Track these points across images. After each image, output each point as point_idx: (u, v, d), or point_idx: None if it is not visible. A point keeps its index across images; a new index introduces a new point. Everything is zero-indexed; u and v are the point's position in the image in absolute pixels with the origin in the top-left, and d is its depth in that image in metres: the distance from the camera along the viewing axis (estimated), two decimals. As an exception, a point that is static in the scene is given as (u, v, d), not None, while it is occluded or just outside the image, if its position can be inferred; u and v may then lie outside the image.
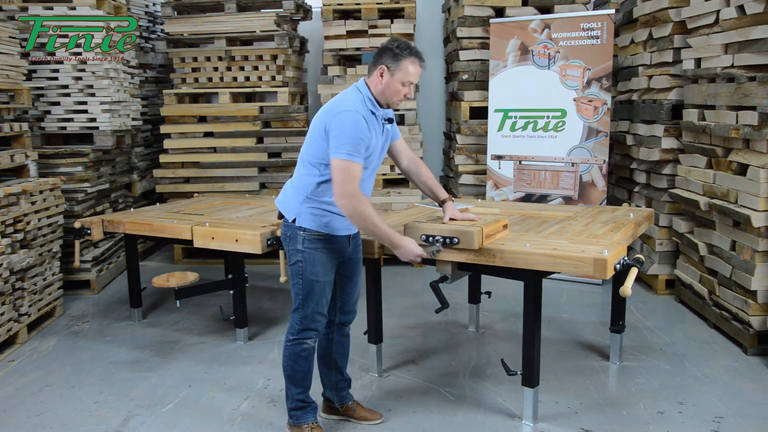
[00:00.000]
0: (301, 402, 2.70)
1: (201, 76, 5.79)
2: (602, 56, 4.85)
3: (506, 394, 3.15)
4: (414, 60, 2.47)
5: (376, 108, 2.53)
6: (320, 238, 2.55)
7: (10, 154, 4.04)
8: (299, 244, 2.55)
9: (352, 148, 2.38)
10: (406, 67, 2.45)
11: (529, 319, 2.77)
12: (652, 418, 2.92)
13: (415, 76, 2.48)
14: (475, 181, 5.64)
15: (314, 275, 2.57)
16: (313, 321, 2.62)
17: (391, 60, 2.46)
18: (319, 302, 2.60)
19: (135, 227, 3.93)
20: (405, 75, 2.46)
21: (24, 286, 3.95)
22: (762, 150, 3.47)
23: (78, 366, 3.60)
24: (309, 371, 2.69)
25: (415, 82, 2.51)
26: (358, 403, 2.95)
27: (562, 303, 4.56)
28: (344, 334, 2.89)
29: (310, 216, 2.54)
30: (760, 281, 3.48)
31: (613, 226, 3.13)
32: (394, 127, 2.73)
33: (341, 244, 2.64)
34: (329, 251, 2.59)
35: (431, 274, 2.96)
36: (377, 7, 5.48)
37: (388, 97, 2.51)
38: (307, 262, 2.56)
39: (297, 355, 2.64)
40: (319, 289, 2.59)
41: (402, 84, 2.47)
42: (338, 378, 2.90)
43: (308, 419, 2.71)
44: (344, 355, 2.91)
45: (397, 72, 2.45)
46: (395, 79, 2.46)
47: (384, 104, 2.55)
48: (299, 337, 2.63)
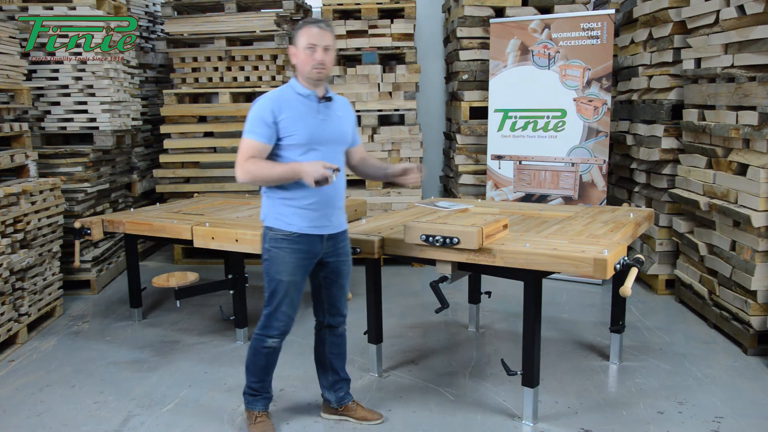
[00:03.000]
0: (254, 390, 2.80)
1: (201, 76, 5.79)
2: (602, 56, 4.85)
3: (506, 394, 3.15)
4: (309, 27, 2.54)
5: (303, 89, 2.59)
6: (285, 238, 2.59)
7: (10, 154, 4.04)
8: (266, 243, 2.64)
9: (249, 126, 2.53)
10: (303, 34, 2.53)
11: (529, 319, 2.77)
12: (652, 418, 2.92)
13: (316, 38, 2.52)
14: (475, 181, 5.64)
15: (278, 274, 2.62)
16: (277, 320, 2.66)
17: (294, 39, 2.58)
18: (282, 301, 2.64)
19: (135, 227, 3.93)
20: (305, 39, 2.51)
21: (24, 286, 3.95)
22: (762, 150, 3.47)
23: (78, 366, 3.60)
24: (267, 367, 2.76)
25: (320, 43, 2.52)
26: (357, 404, 2.95)
27: (562, 303, 4.56)
28: (337, 335, 2.89)
29: (275, 216, 2.62)
30: (760, 281, 3.48)
31: (613, 226, 3.13)
32: (356, 134, 2.81)
33: (311, 245, 2.63)
34: (295, 251, 2.60)
35: (431, 274, 2.96)
36: (377, 7, 5.48)
37: (306, 70, 2.55)
38: (272, 261, 2.63)
39: (257, 350, 2.72)
40: (283, 288, 2.63)
41: (308, 49, 2.51)
42: (335, 378, 2.91)
43: (257, 407, 2.81)
44: (339, 356, 2.91)
45: (299, 42, 2.54)
46: (299, 49, 2.54)
47: (312, 81, 2.57)
48: (262, 333, 2.70)
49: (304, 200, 2.57)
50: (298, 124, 2.54)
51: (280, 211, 2.60)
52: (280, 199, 2.60)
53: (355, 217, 4.32)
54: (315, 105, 2.60)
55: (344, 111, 2.73)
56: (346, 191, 2.85)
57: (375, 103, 5.55)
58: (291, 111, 2.54)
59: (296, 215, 2.58)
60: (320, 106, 2.61)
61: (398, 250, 2.93)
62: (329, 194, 2.61)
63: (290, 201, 2.58)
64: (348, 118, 2.75)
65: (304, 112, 2.57)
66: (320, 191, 2.55)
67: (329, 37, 2.55)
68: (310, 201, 2.57)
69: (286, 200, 2.58)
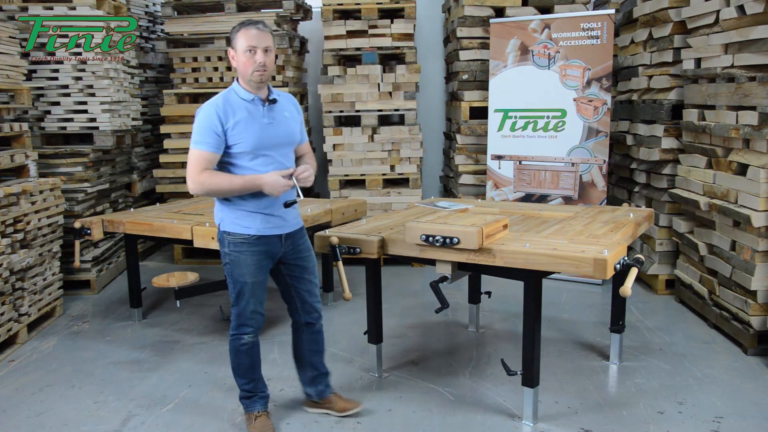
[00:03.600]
0: (248, 392, 2.82)
1: (201, 76, 5.79)
2: (602, 56, 4.85)
3: (506, 394, 3.15)
4: (247, 28, 2.52)
5: (247, 94, 2.57)
6: (243, 242, 2.61)
7: (10, 154, 4.04)
8: (225, 247, 2.65)
9: (197, 136, 2.51)
10: (241, 36, 2.51)
11: (529, 319, 2.77)
12: (652, 418, 2.92)
13: (254, 39, 2.50)
14: (475, 181, 5.64)
15: (242, 276, 2.64)
16: (247, 318, 2.70)
17: (232, 42, 2.56)
18: (249, 301, 2.68)
19: (135, 227, 3.94)
20: (243, 42, 2.50)
21: (24, 286, 3.95)
22: (762, 150, 3.47)
23: (78, 366, 3.60)
24: (252, 364, 2.78)
25: (260, 45, 2.51)
26: (337, 395, 3.00)
27: (562, 303, 4.56)
28: (315, 332, 2.92)
29: (231, 221, 2.63)
30: (760, 281, 3.48)
31: (613, 226, 3.13)
32: (304, 133, 2.81)
33: (271, 245, 2.66)
34: (256, 253, 2.63)
35: (431, 274, 2.96)
36: (377, 7, 5.48)
37: (247, 74, 2.54)
38: (234, 265, 2.65)
39: (237, 350, 2.75)
40: (248, 289, 2.66)
41: (248, 52, 2.50)
42: (315, 374, 2.95)
43: (255, 408, 2.82)
44: (318, 352, 2.94)
45: (237, 44, 2.53)
46: (239, 52, 2.52)
47: (253, 85, 2.57)
48: (236, 333, 2.73)
49: (259, 205, 2.60)
50: (244, 131, 2.53)
51: (235, 215, 2.61)
52: (234, 204, 2.61)
53: (355, 217, 4.32)
54: (260, 109, 2.59)
55: (290, 110, 2.72)
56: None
57: (375, 103, 5.55)
58: (236, 117, 2.53)
59: (252, 218, 2.60)
60: (265, 110, 2.60)
61: (398, 250, 2.93)
62: (282, 196, 2.62)
63: (245, 206, 2.60)
64: (294, 118, 2.74)
65: (250, 118, 2.56)
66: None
67: (268, 38, 2.55)
68: (264, 204, 2.60)
69: (240, 205, 2.60)
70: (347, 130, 5.55)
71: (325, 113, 5.59)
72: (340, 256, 2.93)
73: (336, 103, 5.58)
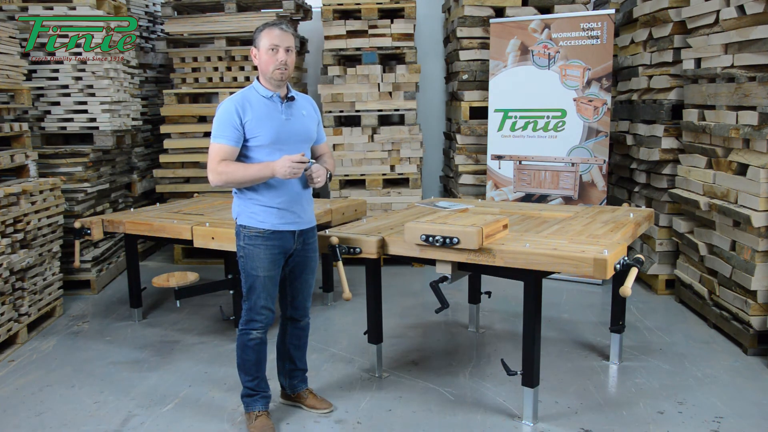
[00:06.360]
0: (251, 390, 2.84)
1: (201, 76, 5.79)
2: (602, 56, 4.85)
3: (506, 394, 3.15)
4: (271, 28, 2.60)
5: (266, 91, 2.65)
6: (258, 235, 2.67)
7: (10, 154, 4.04)
8: (241, 240, 2.71)
9: (217, 131, 2.61)
10: (265, 35, 2.60)
11: (529, 319, 2.77)
12: (652, 418, 2.92)
13: (277, 39, 2.59)
14: (475, 181, 5.64)
15: (255, 270, 2.69)
16: (257, 314, 2.74)
17: (255, 41, 2.65)
18: (260, 296, 2.72)
19: (135, 227, 3.94)
20: (267, 41, 2.58)
21: (24, 286, 3.95)
22: (762, 150, 3.47)
23: (78, 366, 3.60)
24: (258, 361, 2.81)
25: (282, 45, 2.60)
26: (310, 392, 3.06)
27: (562, 303, 4.56)
28: (300, 327, 2.98)
29: (247, 215, 2.68)
30: (760, 281, 3.48)
31: (613, 226, 3.13)
32: (321, 132, 2.89)
33: (284, 240, 2.72)
34: (270, 247, 2.68)
35: (431, 274, 2.96)
36: (377, 7, 5.48)
37: (268, 71, 2.60)
38: (248, 258, 2.69)
39: (244, 345, 2.78)
40: (261, 284, 2.70)
41: (270, 50, 2.58)
42: (291, 367, 3.01)
43: (256, 407, 2.84)
44: (299, 347, 3.00)
45: (260, 44, 2.61)
46: (261, 51, 2.61)
47: (274, 83, 2.64)
48: (245, 328, 2.76)
49: (274, 199, 2.66)
50: (262, 125, 2.61)
51: (252, 210, 2.68)
52: (250, 199, 2.68)
53: (355, 217, 4.32)
54: (278, 106, 2.67)
55: (308, 109, 2.80)
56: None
57: (375, 103, 5.55)
58: (255, 113, 2.61)
59: (267, 213, 2.66)
60: (283, 107, 2.68)
61: (398, 250, 2.93)
62: (297, 192, 2.71)
63: (260, 200, 2.66)
64: (312, 117, 2.81)
65: (268, 113, 2.64)
66: (288, 190, 2.66)
67: (290, 39, 2.63)
68: (279, 200, 2.66)
69: (257, 200, 2.67)
70: (347, 130, 5.55)
71: (325, 113, 5.59)
72: (340, 256, 2.94)
73: (336, 103, 5.59)
